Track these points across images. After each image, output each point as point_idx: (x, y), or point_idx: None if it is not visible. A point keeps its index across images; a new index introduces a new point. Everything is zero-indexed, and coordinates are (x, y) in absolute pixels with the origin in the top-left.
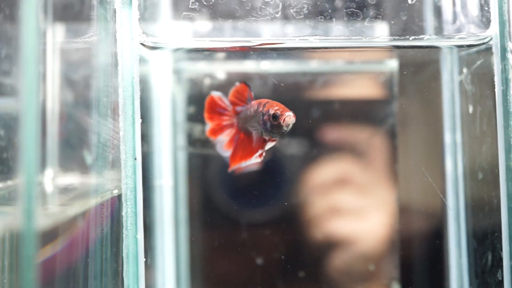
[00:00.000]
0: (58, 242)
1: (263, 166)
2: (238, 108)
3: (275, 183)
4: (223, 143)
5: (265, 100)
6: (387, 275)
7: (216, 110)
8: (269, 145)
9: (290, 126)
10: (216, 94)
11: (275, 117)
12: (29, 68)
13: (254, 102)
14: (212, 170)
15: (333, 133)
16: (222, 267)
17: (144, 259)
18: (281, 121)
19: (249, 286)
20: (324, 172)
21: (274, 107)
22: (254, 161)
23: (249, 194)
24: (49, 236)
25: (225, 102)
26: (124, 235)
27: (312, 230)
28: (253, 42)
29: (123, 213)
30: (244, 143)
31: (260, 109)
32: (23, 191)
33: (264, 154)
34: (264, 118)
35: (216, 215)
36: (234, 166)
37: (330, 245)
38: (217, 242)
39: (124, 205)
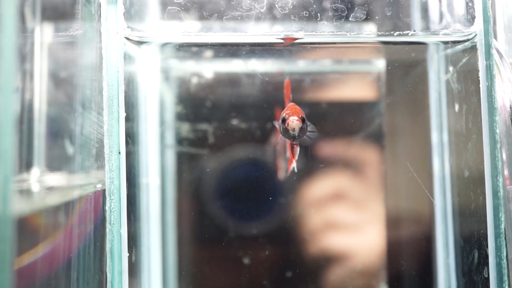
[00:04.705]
0: (40, 236)
1: (256, 179)
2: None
3: (269, 196)
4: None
5: (291, 104)
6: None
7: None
8: (297, 150)
9: (296, 130)
10: None
11: (283, 120)
12: (7, 65)
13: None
14: (202, 171)
15: (328, 147)
16: (210, 273)
17: (128, 255)
18: (286, 125)
19: None
20: (320, 187)
21: (287, 111)
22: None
23: (242, 203)
24: (29, 227)
25: None
26: (107, 230)
27: (307, 244)
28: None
29: (107, 208)
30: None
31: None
32: None
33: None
34: (279, 122)
35: (207, 221)
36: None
37: (326, 260)
38: (207, 249)
39: (108, 199)
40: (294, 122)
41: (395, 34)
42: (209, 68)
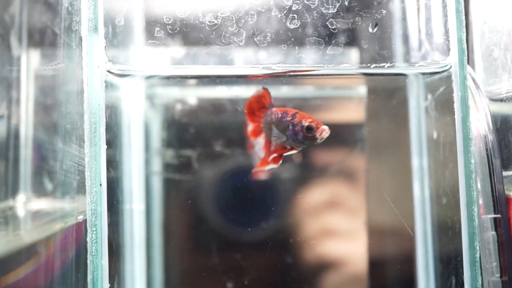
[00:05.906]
0: (20, 268)
1: (249, 188)
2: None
3: (260, 206)
4: (261, 145)
5: (292, 110)
6: None
7: (257, 110)
8: (291, 152)
9: (324, 138)
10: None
11: (309, 129)
12: None
13: (276, 109)
14: (190, 193)
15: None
16: None
17: (109, 285)
18: (317, 134)
19: None
20: (315, 194)
21: (307, 119)
22: (271, 167)
23: (233, 217)
24: (9, 263)
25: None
26: (89, 261)
27: (302, 252)
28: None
29: (88, 239)
30: (266, 149)
31: (288, 118)
32: None
33: (281, 161)
34: (296, 129)
35: (197, 238)
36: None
37: (321, 267)
38: (199, 267)
39: (89, 230)
40: (326, 131)
41: (373, 66)
42: (193, 95)
